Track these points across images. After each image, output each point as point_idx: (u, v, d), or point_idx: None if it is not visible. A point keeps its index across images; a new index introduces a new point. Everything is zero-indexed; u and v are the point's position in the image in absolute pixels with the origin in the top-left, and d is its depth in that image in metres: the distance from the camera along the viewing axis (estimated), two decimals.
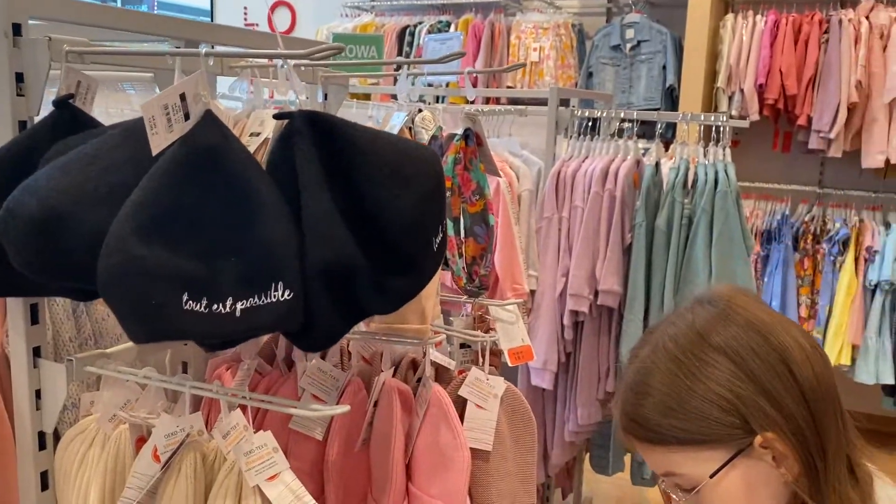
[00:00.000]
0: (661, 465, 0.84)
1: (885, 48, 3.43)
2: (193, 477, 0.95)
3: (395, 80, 1.30)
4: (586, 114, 2.55)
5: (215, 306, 0.72)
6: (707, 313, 0.85)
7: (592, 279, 2.46)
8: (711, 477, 0.80)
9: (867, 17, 3.46)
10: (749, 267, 2.27)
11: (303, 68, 1.20)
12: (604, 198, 2.42)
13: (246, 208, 0.76)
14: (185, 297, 0.71)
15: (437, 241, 0.87)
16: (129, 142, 0.79)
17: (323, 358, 1.22)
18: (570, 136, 2.58)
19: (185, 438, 0.97)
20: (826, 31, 3.55)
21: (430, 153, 0.89)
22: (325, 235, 0.77)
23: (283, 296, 0.73)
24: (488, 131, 2.72)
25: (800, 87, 3.57)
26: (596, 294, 2.46)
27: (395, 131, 1.11)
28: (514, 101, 3.64)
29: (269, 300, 0.73)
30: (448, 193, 1.30)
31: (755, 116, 3.67)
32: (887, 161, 3.47)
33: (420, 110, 1.34)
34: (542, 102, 2.72)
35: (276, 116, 0.86)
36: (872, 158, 3.48)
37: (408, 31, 4.42)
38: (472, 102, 3.99)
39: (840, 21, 3.48)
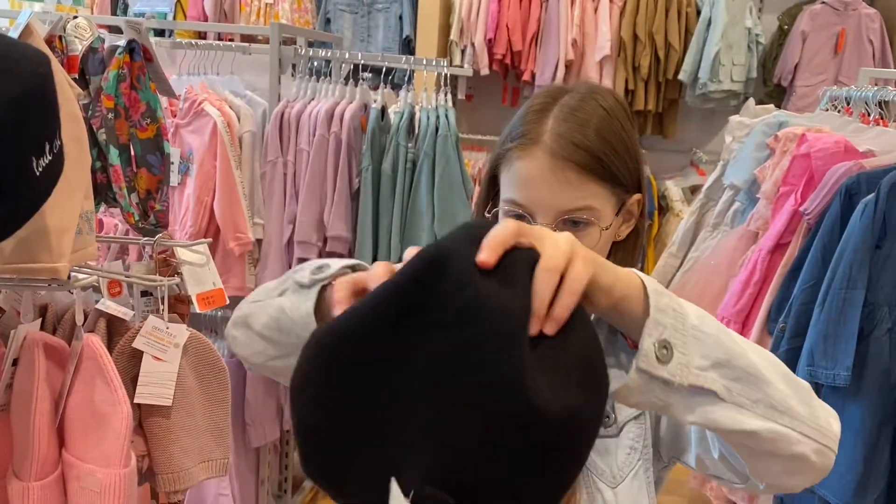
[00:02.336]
0: (579, 198, 0.83)
1: (596, 9, 3.71)
2: None
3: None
4: (310, 53, 2.44)
5: None
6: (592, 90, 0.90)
7: (321, 225, 2.38)
8: (617, 215, 0.86)
9: None
10: (468, 210, 2.33)
11: None
12: (330, 141, 2.33)
13: None
14: None
15: (43, 162, 0.71)
16: None
17: None
18: (297, 77, 2.45)
19: None
20: None
21: (33, 51, 0.73)
22: None
23: None
24: (207, 68, 2.51)
25: (524, 43, 3.75)
26: (325, 241, 2.39)
27: (17, 32, 0.91)
28: (248, 40, 3.42)
29: None
30: (111, 115, 1.13)
31: (486, 70, 3.80)
32: None
33: (75, 17, 1.13)
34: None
35: None
36: None
37: None
38: (203, 37, 3.68)
39: None
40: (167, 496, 1.17)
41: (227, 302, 1.28)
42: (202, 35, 3.65)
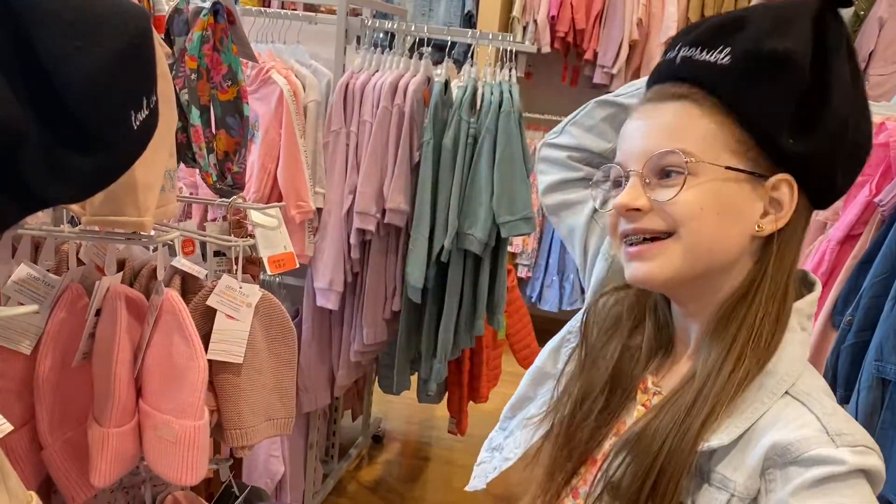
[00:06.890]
0: (684, 135, 0.68)
1: None
2: None
3: None
4: (377, 24, 2.44)
5: None
6: None
7: (380, 197, 2.40)
8: (727, 168, 0.67)
9: None
10: (528, 188, 2.32)
11: None
12: (392, 113, 2.34)
13: None
14: None
15: (140, 116, 0.73)
16: None
17: (34, 262, 1.04)
18: (361, 49, 2.46)
19: None
20: None
21: (135, 6, 0.74)
22: None
23: None
24: (273, 36, 2.53)
25: (588, 21, 3.69)
26: (383, 212, 2.40)
27: None
28: (310, 10, 3.44)
29: None
30: (194, 76, 1.15)
31: (547, 48, 3.75)
32: None
33: None
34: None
35: None
36: None
37: None
38: (267, 5, 3.71)
39: None
40: (234, 451, 1.21)
41: (298, 265, 1.30)
42: (266, 3, 3.68)
